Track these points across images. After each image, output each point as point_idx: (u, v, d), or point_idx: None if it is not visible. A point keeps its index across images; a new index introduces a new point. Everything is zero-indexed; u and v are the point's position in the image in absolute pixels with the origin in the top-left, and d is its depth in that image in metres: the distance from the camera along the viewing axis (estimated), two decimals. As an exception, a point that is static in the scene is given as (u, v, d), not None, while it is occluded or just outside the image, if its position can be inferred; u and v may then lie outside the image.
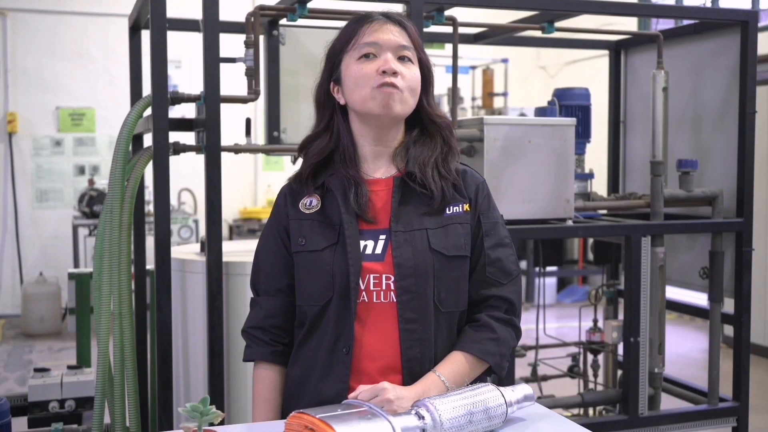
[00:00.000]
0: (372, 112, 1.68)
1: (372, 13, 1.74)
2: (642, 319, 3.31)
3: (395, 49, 1.69)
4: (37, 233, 8.21)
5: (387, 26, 1.70)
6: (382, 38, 1.68)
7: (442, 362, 1.68)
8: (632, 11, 4.94)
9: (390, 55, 1.67)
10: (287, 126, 3.14)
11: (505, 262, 1.77)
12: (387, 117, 1.69)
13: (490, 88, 8.64)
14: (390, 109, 1.67)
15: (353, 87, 1.69)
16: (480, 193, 1.77)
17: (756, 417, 4.35)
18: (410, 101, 1.70)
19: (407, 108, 1.71)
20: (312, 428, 1.42)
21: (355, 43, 1.70)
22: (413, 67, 1.71)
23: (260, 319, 1.80)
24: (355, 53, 1.69)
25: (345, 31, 1.74)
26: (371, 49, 1.68)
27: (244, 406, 2.99)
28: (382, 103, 1.66)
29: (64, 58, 8.21)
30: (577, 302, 7.99)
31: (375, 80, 1.66)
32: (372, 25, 1.70)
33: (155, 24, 2.59)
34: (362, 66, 1.68)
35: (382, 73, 1.65)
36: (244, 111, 4.21)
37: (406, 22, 1.74)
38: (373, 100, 1.67)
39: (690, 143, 3.78)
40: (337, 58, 1.73)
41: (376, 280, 1.67)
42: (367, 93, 1.67)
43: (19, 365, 6.23)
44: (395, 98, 1.66)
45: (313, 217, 1.73)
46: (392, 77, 1.66)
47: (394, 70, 1.66)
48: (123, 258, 2.82)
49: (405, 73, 1.68)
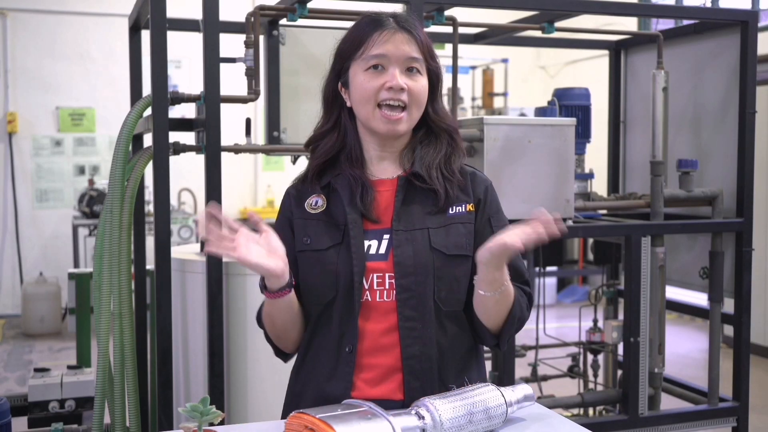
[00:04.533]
0: (376, 131, 1.70)
1: (383, 19, 1.71)
2: (642, 319, 3.31)
3: (404, 61, 1.68)
4: (37, 233, 8.21)
5: (397, 36, 1.68)
6: (390, 50, 1.67)
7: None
8: (632, 11, 4.95)
9: (397, 71, 1.67)
10: (287, 126, 3.14)
11: (518, 263, 1.77)
12: (392, 137, 1.71)
13: (490, 88, 8.64)
14: (394, 132, 1.69)
15: (359, 99, 1.70)
16: (489, 195, 1.78)
17: (756, 417, 4.36)
18: (415, 116, 1.71)
19: (412, 124, 1.72)
20: (312, 428, 1.42)
21: (364, 52, 1.68)
22: (421, 79, 1.70)
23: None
24: (363, 63, 1.69)
25: (355, 34, 1.72)
26: (379, 61, 1.67)
27: (244, 406, 2.99)
28: (386, 127, 1.68)
29: (64, 58, 8.21)
30: (577, 302, 7.99)
31: (381, 95, 1.66)
32: (382, 34, 1.68)
33: (155, 24, 2.59)
34: (369, 78, 1.67)
35: (389, 89, 1.66)
36: (244, 111, 4.21)
37: (417, 30, 1.72)
38: (376, 121, 1.68)
39: (690, 143, 3.78)
40: (346, 62, 1.73)
41: (379, 279, 1.68)
42: (370, 111, 1.68)
43: (19, 365, 6.23)
44: (400, 123, 1.68)
45: (319, 216, 1.73)
46: (398, 93, 1.66)
47: (401, 87, 1.66)
48: (123, 258, 2.82)
49: (412, 86, 1.68)
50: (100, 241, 2.88)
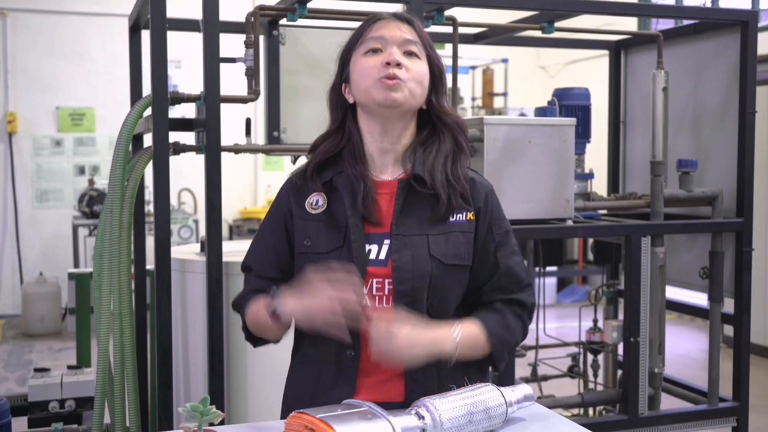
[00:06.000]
0: (375, 100, 1.68)
1: (381, 13, 1.77)
2: (642, 319, 3.31)
3: (401, 43, 1.70)
4: (37, 233, 8.21)
5: (394, 23, 1.73)
6: (387, 33, 1.70)
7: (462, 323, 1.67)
8: (632, 11, 4.95)
9: (395, 49, 1.69)
10: (287, 126, 3.14)
11: (518, 270, 1.77)
12: (390, 106, 1.68)
13: (490, 88, 8.64)
14: (391, 97, 1.66)
15: (358, 79, 1.71)
16: (489, 202, 1.77)
17: (756, 417, 4.35)
18: (416, 92, 1.70)
19: (412, 100, 1.70)
20: (312, 428, 1.42)
21: (362, 40, 1.72)
22: (419, 62, 1.71)
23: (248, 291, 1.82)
24: (362, 48, 1.72)
25: (355, 33, 1.77)
26: (377, 43, 1.70)
27: (244, 406, 2.99)
28: (383, 93, 1.67)
29: (64, 58, 8.21)
30: (577, 302, 7.99)
31: (379, 71, 1.67)
32: (379, 22, 1.73)
33: (155, 24, 2.59)
34: (368, 59, 1.70)
35: (386, 65, 1.67)
36: (244, 111, 4.20)
37: (414, 20, 1.76)
38: (375, 89, 1.67)
39: (690, 143, 3.78)
40: (347, 57, 1.76)
41: (379, 285, 1.68)
42: (370, 84, 1.68)
43: (19, 365, 6.23)
44: (397, 87, 1.67)
45: (319, 217, 1.72)
46: (396, 68, 1.67)
47: (398, 62, 1.67)
48: (123, 258, 2.82)
49: (410, 66, 1.69)
50: (100, 241, 2.88)
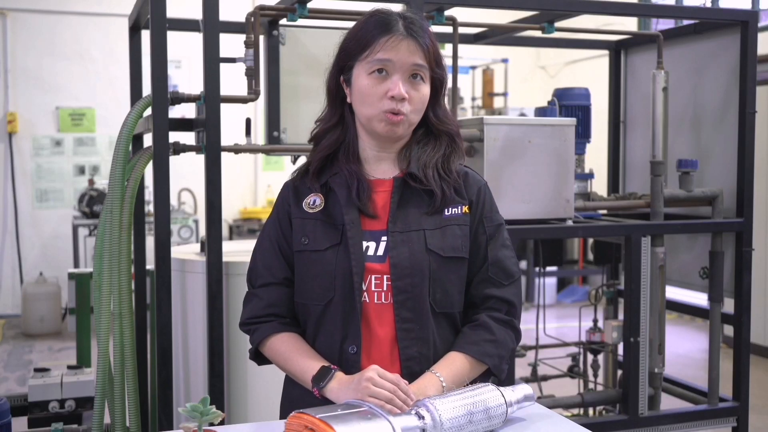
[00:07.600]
0: (376, 130, 1.70)
1: (391, 21, 1.69)
2: (642, 319, 3.31)
3: (408, 68, 1.67)
4: (37, 233, 8.21)
5: (404, 43, 1.66)
6: (395, 57, 1.66)
7: (440, 362, 1.69)
8: (632, 11, 4.94)
9: (400, 78, 1.66)
10: (287, 126, 3.14)
11: (507, 263, 1.78)
12: (390, 138, 1.72)
13: (490, 88, 8.64)
14: (394, 132, 1.69)
15: (360, 101, 1.70)
16: (482, 196, 1.78)
17: (756, 417, 4.36)
18: (415, 121, 1.72)
19: (410, 128, 1.73)
20: (312, 428, 1.42)
21: (369, 55, 1.67)
22: (423, 87, 1.70)
23: (261, 308, 1.78)
24: (367, 66, 1.68)
25: (361, 34, 1.70)
26: (384, 66, 1.66)
27: (244, 406, 2.99)
28: (386, 129, 1.68)
29: (64, 58, 8.21)
30: (577, 302, 7.99)
31: (383, 104, 1.66)
32: (390, 39, 1.66)
33: (155, 24, 2.59)
34: (372, 82, 1.67)
35: (391, 98, 1.65)
36: (244, 111, 4.21)
37: (424, 36, 1.69)
38: (378, 123, 1.68)
39: (690, 143, 3.78)
40: (350, 61, 1.71)
41: (378, 281, 1.68)
42: (373, 114, 1.68)
43: (19, 365, 6.23)
44: (400, 123, 1.68)
45: (317, 216, 1.73)
46: (400, 103, 1.66)
47: (403, 96, 1.66)
48: (123, 258, 2.82)
49: (413, 95, 1.68)
50: (100, 241, 2.88)
